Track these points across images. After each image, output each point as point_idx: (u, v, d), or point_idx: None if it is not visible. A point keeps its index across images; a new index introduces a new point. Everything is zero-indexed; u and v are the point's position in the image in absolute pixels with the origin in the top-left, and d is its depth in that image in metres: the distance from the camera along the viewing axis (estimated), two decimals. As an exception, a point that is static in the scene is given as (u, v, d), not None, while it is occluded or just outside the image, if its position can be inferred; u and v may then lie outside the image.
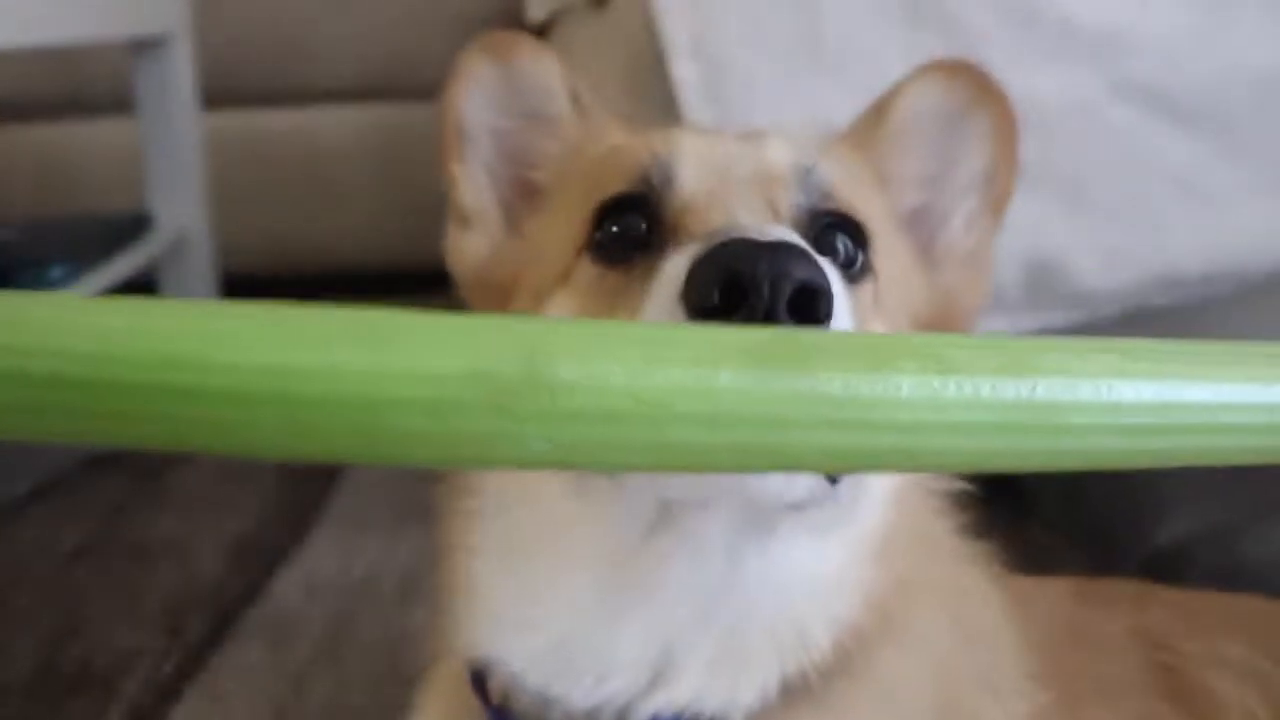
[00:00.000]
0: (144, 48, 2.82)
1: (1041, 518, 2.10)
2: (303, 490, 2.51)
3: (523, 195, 1.12)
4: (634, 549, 0.89)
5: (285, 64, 3.61)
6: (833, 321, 0.73)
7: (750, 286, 0.69)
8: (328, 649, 1.88)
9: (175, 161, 2.95)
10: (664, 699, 0.91)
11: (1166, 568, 1.75)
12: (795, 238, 0.79)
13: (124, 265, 2.67)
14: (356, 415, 0.43)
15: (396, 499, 2.41)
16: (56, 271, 2.42)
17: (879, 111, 1.14)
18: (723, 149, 0.97)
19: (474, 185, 1.12)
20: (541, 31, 2.79)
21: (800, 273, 0.70)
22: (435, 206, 1.14)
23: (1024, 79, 1.98)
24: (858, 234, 0.96)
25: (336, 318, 0.45)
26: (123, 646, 1.90)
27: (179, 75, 2.90)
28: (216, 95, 3.31)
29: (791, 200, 0.93)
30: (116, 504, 2.46)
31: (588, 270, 0.93)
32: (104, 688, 1.80)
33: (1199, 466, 1.98)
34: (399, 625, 1.92)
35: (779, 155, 0.96)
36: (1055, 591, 1.23)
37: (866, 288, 0.96)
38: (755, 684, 0.92)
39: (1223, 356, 0.55)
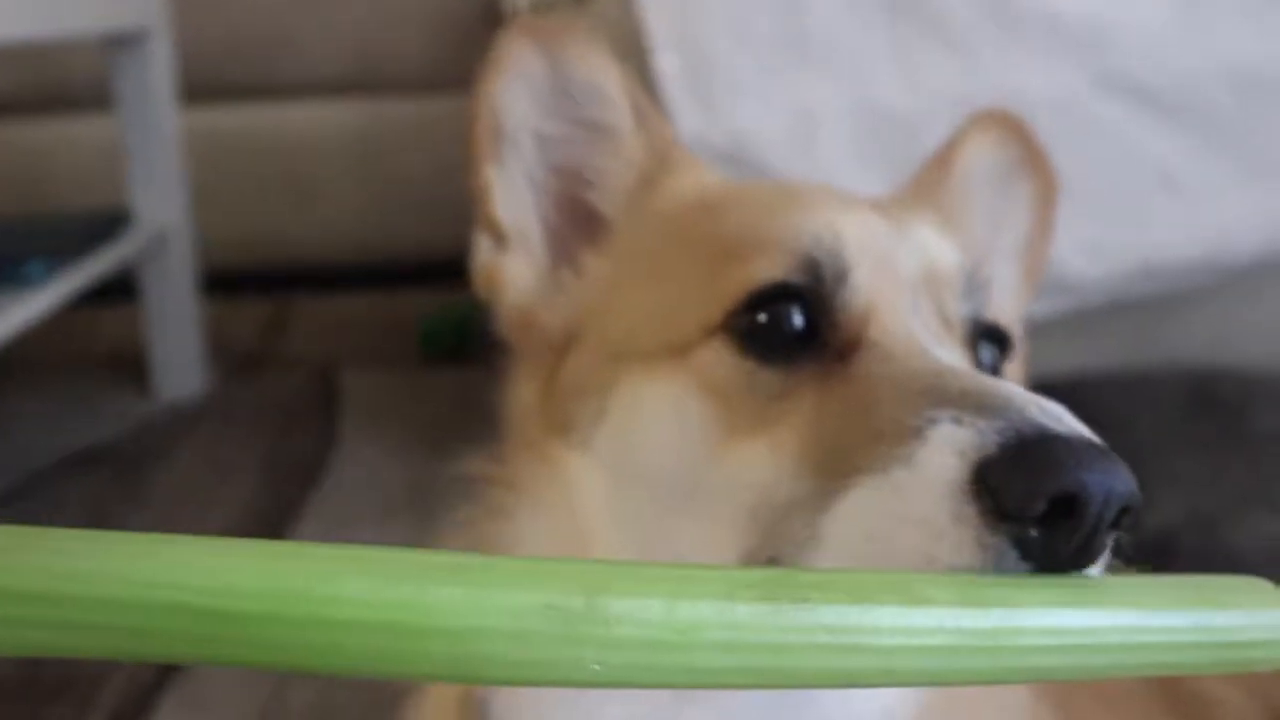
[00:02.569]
0: (121, 44, 2.79)
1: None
2: (286, 488, 2.50)
3: (573, 219, 0.99)
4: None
5: (264, 59, 3.60)
6: None
7: (1087, 510, 0.61)
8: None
9: (154, 158, 2.92)
10: None
11: (1151, 555, 1.76)
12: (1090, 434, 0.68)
13: (103, 262, 2.64)
14: (449, 643, 0.52)
15: (381, 497, 2.40)
16: (34, 268, 2.40)
17: (940, 165, 1.08)
18: (882, 234, 0.86)
19: (513, 196, 0.97)
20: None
21: (1128, 492, 0.63)
22: (415, 201, 1.10)
23: (1008, 73, 1.99)
24: (1003, 343, 0.91)
25: (432, 558, 0.54)
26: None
27: (157, 71, 2.88)
28: (195, 91, 3.29)
29: (960, 310, 0.86)
30: (96, 502, 2.44)
31: (727, 359, 0.82)
32: (82, 695, 1.78)
33: (1184, 457, 1.99)
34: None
35: (941, 249, 0.89)
36: None
37: None
38: None
39: (1142, 589, 0.65)
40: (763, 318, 0.81)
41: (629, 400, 0.86)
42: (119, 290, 3.09)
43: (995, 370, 0.90)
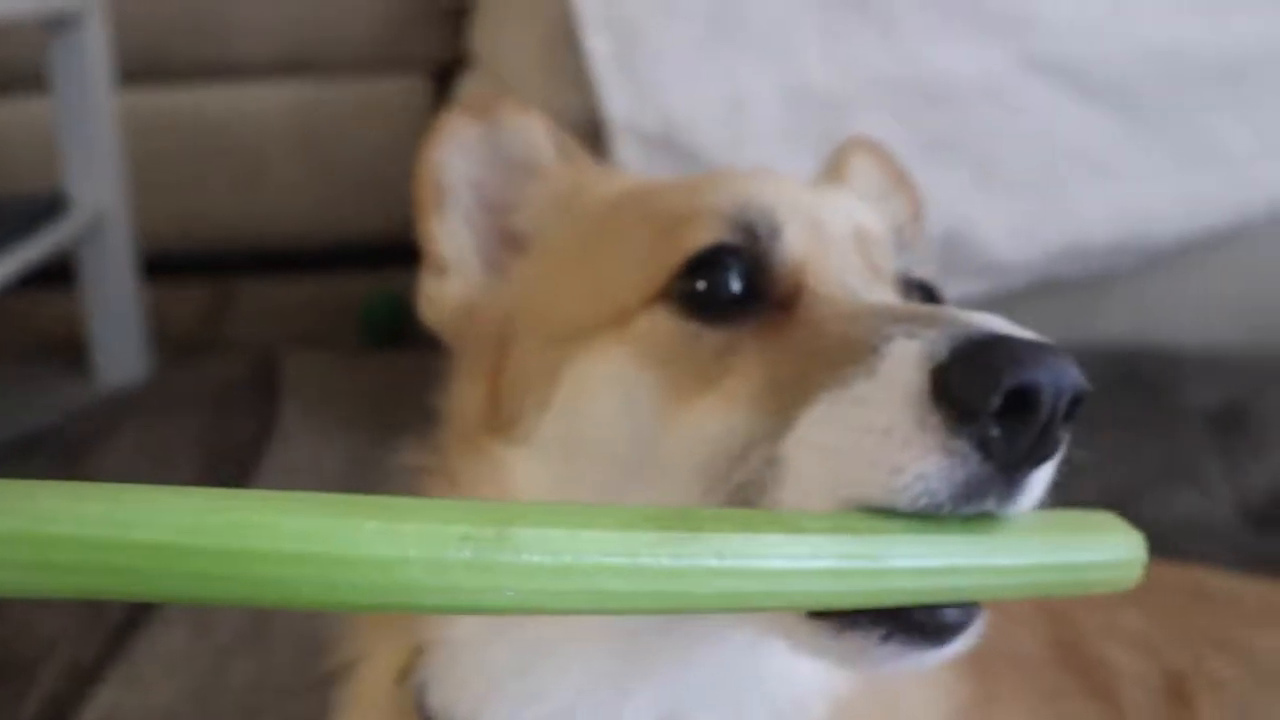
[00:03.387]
0: (56, 25, 2.76)
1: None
2: (224, 472, 2.50)
3: (501, 240, 1.06)
4: (658, 629, 0.88)
5: (202, 40, 3.57)
6: None
7: (1040, 401, 0.65)
8: (250, 631, 1.87)
9: (91, 140, 2.90)
10: None
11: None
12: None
13: (39, 247, 2.62)
14: (375, 572, 0.57)
15: (320, 481, 2.40)
16: (-30, 253, 2.38)
17: (838, 170, 1.14)
18: (809, 199, 0.91)
19: (453, 238, 1.06)
20: (460, 9, 2.78)
21: (1077, 384, 0.66)
22: (356, 183, 1.12)
23: (936, 55, 2.02)
24: (934, 299, 0.93)
25: (360, 498, 0.59)
26: (42, 632, 1.89)
27: (93, 52, 2.85)
28: (132, 72, 3.26)
29: (889, 264, 0.89)
30: (36, 488, 2.42)
31: (670, 324, 0.84)
32: (23, 674, 1.78)
33: (1108, 433, 2.03)
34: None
35: (866, 212, 0.93)
36: None
37: None
38: None
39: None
40: (702, 281, 0.84)
41: (573, 383, 0.89)
42: (57, 275, 3.07)
43: None
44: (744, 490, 0.75)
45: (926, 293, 0.93)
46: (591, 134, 2.04)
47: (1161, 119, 2.08)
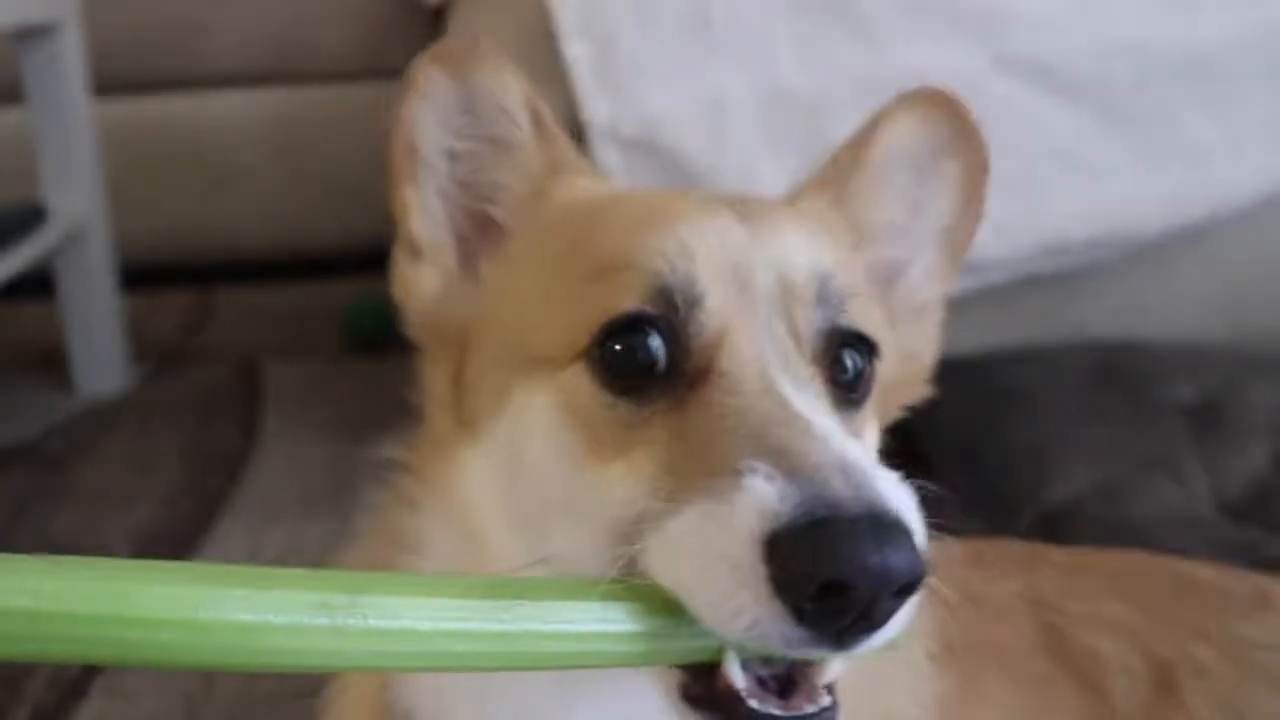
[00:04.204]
0: (31, 35, 2.75)
1: (941, 480, 2.15)
2: (208, 480, 2.50)
3: (479, 230, 1.05)
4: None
5: (180, 50, 3.56)
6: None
7: (853, 596, 0.69)
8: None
9: (68, 151, 2.89)
10: None
11: (1058, 525, 1.81)
12: (879, 489, 0.74)
13: (17, 258, 2.61)
14: (238, 636, 0.64)
15: (303, 488, 2.40)
16: (-53, 266, 2.37)
17: (856, 149, 1.09)
18: (739, 249, 0.90)
19: (427, 214, 1.04)
20: (439, 13, 2.78)
21: (906, 574, 0.70)
22: (338, 191, 1.12)
23: (909, 54, 2.03)
24: (867, 349, 0.94)
25: (226, 568, 0.67)
26: (27, 644, 1.88)
27: (69, 63, 2.84)
28: (110, 82, 3.25)
29: (813, 323, 0.90)
30: (19, 500, 2.42)
31: (588, 387, 0.87)
32: (8, 686, 1.78)
33: (1090, 428, 2.02)
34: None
35: (797, 258, 0.91)
36: (950, 556, 1.26)
37: (868, 400, 0.94)
38: None
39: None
40: (619, 347, 0.86)
41: (517, 407, 0.92)
42: (36, 286, 3.06)
43: (858, 376, 0.93)
44: (636, 556, 0.79)
45: (860, 342, 0.93)
46: (571, 137, 2.04)
47: (1132, 115, 2.09)
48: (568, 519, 0.86)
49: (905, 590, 0.71)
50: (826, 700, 0.78)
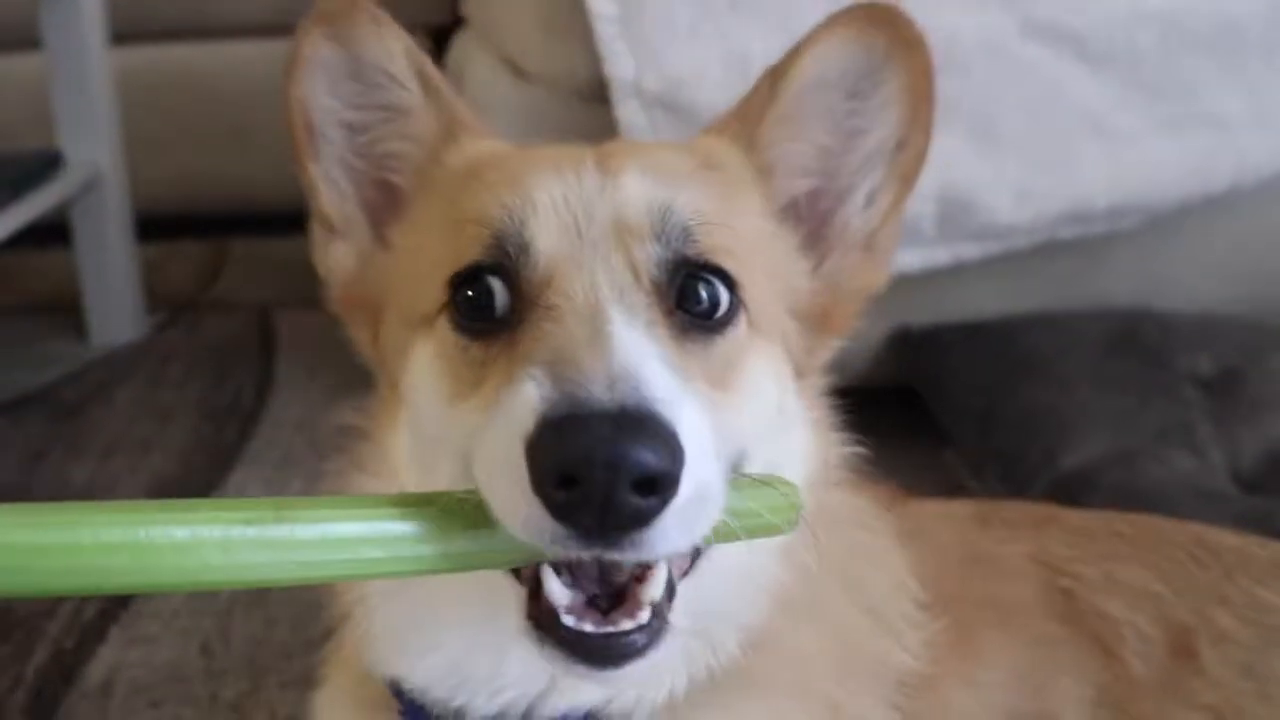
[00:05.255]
0: (49, -18, 2.75)
1: (956, 444, 2.16)
2: (223, 430, 2.50)
3: (385, 200, 1.08)
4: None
5: (197, -2, 3.55)
6: (681, 478, 0.75)
7: (587, 485, 0.72)
8: (251, 590, 1.88)
9: (84, 99, 2.88)
10: (565, 702, 0.96)
11: (1073, 491, 1.81)
12: (644, 391, 0.77)
13: (34, 206, 2.62)
14: (176, 555, 0.72)
15: (318, 437, 2.41)
16: (-37, 212, 2.37)
17: (774, 79, 1.06)
18: (578, 196, 0.94)
19: (334, 188, 1.07)
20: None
21: (638, 466, 0.73)
22: None
23: (937, 18, 2.00)
24: (723, 278, 0.94)
25: (175, 502, 0.75)
26: (45, 589, 1.89)
27: (86, 11, 2.83)
28: (125, 31, 3.24)
29: (649, 256, 0.92)
30: (36, 447, 2.43)
31: (448, 336, 0.93)
32: (27, 631, 1.79)
33: (1107, 395, 2.01)
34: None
35: (635, 196, 0.94)
36: (958, 516, 1.27)
37: (736, 328, 0.95)
38: (662, 686, 0.96)
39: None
40: (468, 295, 0.92)
41: (410, 361, 0.97)
42: (52, 234, 3.06)
43: (714, 306, 0.94)
44: None
45: (711, 274, 0.94)
46: (591, 92, 2.03)
47: (1158, 84, 2.08)
48: (445, 458, 0.91)
49: (653, 486, 0.73)
50: (644, 617, 0.81)
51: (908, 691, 1.07)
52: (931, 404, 2.24)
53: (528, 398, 0.78)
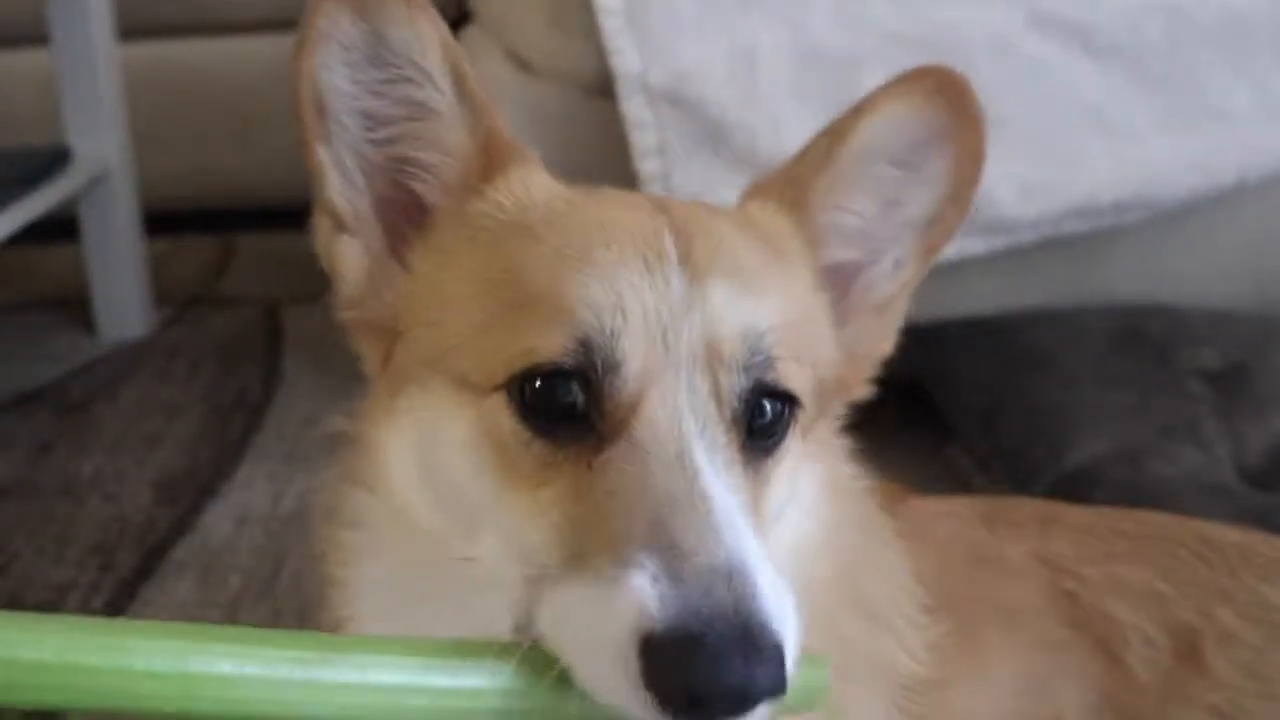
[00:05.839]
0: (56, -23, 2.76)
1: (961, 441, 2.16)
2: (230, 425, 2.51)
3: (404, 210, 1.00)
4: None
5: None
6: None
7: (711, 712, 0.73)
8: (259, 580, 1.89)
9: (93, 94, 2.89)
10: None
11: (1078, 488, 1.81)
12: (759, 600, 0.77)
13: (42, 201, 2.62)
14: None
15: (324, 433, 2.41)
16: (-29, 208, 2.38)
17: (832, 141, 1.02)
18: (669, 303, 0.88)
19: (345, 178, 0.98)
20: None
21: (763, 693, 0.74)
22: None
23: (943, 12, 2.01)
24: (789, 401, 0.93)
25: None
26: (53, 581, 1.90)
27: (94, 6, 2.84)
28: (133, 26, 3.24)
29: (734, 385, 0.89)
30: (43, 442, 2.44)
31: (507, 420, 0.88)
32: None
33: (1112, 391, 2.01)
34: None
35: (725, 316, 0.89)
36: (962, 515, 1.26)
37: (789, 444, 0.94)
38: None
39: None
40: (539, 389, 0.87)
41: (437, 415, 0.92)
42: (60, 230, 3.06)
43: (775, 427, 0.92)
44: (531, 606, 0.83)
45: (785, 399, 0.93)
46: (598, 87, 2.03)
47: (1164, 78, 2.07)
48: (486, 532, 0.89)
49: (769, 696, 0.75)
50: None
51: (912, 693, 1.07)
52: (936, 400, 2.24)
53: (640, 592, 0.76)
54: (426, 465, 0.94)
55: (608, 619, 0.76)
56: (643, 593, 0.76)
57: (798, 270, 1.01)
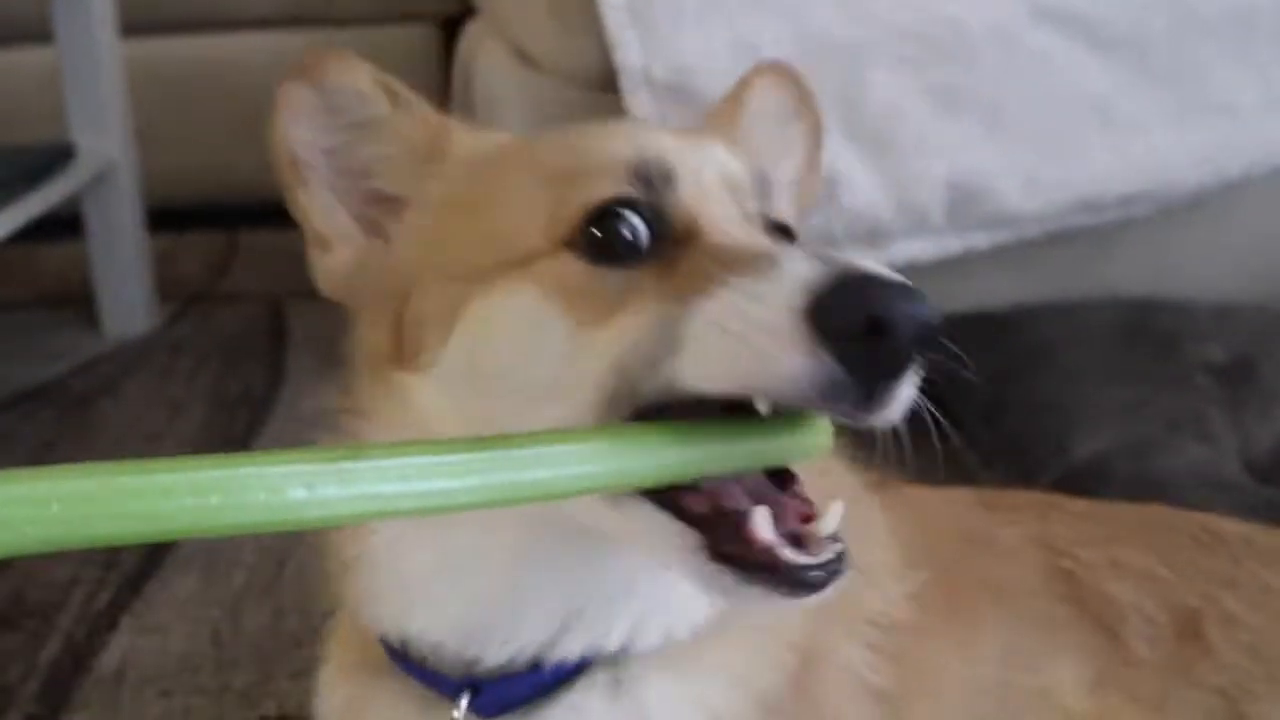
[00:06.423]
0: (60, -27, 2.76)
1: (965, 434, 2.15)
2: (234, 421, 2.51)
3: (373, 204, 1.11)
4: (550, 545, 0.96)
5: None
6: None
7: (895, 329, 0.76)
8: (262, 577, 1.89)
9: (96, 91, 2.89)
10: (572, 646, 0.98)
11: (1084, 482, 1.80)
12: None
13: (46, 197, 2.63)
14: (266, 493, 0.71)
15: (327, 429, 2.41)
16: (-24, 203, 2.38)
17: (734, 104, 1.21)
18: (688, 150, 0.98)
19: (324, 208, 1.10)
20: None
21: (929, 319, 0.78)
22: None
23: (947, 5, 2.01)
24: (788, 236, 1.00)
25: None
26: (57, 579, 1.91)
27: (97, 2, 2.84)
28: (136, 22, 3.24)
29: (756, 208, 0.98)
30: (46, 439, 2.44)
31: (578, 267, 0.92)
32: (39, 620, 1.80)
33: (1118, 385, 2.00)
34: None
35: (732, 160, 1.00)
36: (959, 500, 1.28)
37: None
38: (660, 630, 0.99)
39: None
40: (607, 228, 0.92)
41: (474, 319, 0.96)
42: (64, 226, 3.06)
43: None
44: (643, 378, 0.85)
45: (786, 233, 1.00)
46: (602, 81, 2.03)
47: (1169, 70, 2.07)
48: (551, 400, 0.90)
49: (929, 336, 0.78)
50: (840, 546, 0.83)
51: (888, 632, 1.08)
52: (939, 394, 2.23)
53: (799, 268, 0.80)
54: (463, 379, 0.97)
55: (768, 306, 0.79)
56: (799, 266, 0.80)
57: None
